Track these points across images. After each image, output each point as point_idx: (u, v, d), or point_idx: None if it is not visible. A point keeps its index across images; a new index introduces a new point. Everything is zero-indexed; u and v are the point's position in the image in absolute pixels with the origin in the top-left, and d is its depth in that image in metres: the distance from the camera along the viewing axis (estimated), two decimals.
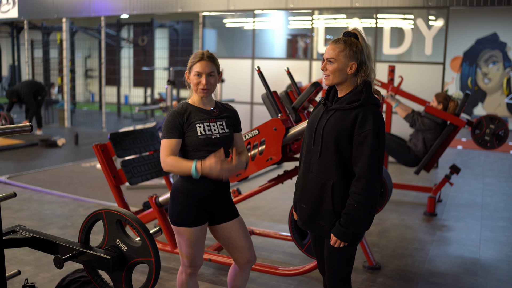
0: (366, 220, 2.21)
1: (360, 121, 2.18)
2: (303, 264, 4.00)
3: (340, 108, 2.26)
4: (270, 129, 3.34)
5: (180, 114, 2.56)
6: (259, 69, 3.46)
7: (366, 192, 2.16)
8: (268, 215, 5.34)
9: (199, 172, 2.43)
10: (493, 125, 5.30)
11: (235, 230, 2.70)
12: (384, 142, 2.23)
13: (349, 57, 2.22)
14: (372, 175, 2.16)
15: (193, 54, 2.60)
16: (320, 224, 2.33)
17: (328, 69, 2.28)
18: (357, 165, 2.19)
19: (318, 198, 2.30)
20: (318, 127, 2.32)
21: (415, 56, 8.93)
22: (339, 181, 2.24)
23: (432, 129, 5.48)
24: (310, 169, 2.34)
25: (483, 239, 4.77)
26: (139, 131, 4.19)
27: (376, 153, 2.16)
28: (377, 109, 2.24)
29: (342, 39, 2.27)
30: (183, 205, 2.58)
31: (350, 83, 2.29)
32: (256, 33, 9.72)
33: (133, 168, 3.96)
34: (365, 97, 2.22)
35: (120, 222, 2.26)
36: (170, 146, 2.52)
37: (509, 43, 13.58)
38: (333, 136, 2.23)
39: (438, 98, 5.56)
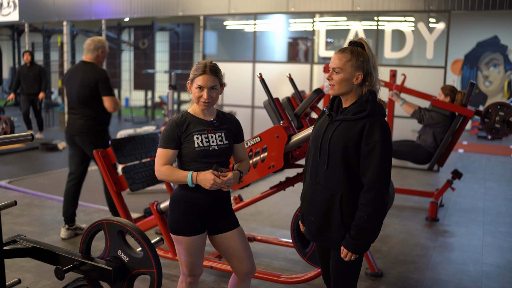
0: (377, 231, 2.20)
1: (367, 132, 2.16)
2: (305, 271, 3.98)
3: (346, 119, 2.24)
4: (272, 137, 3.32)
5: (179, 125, 2.55)
6: (261, 76, 3.45)
7: (375, 203, 2.15)
8: (269, 221, 5.32)
9: (194, 182, 2.46)
10: (502, 112, 5.22)
11: (234, 240, 2.68)
12: (392, 151, 2.22)
13: (356, 67, 2.21)
14: (381, 186, 2.15)
15: (196, 64, 2.58)
16: (329, 236, 2.32)
17: (334, 78, 2.26)
18: (365, 176, 2.18)
19: (327, 210, 2.29)
20: (324, 139, 2.30)
21: (416, 60, 8.91)
22: (347, 193, 2.23)
23: (441, 122, 5.41)
24: (317, 181, 2.32)
25: (485, 245, 4.74)
26: (140, 136, 4.17)
27: (384, 164, 2.15)
28: (383, 119, 2.23)
29: (348, 48, 2.26)
30: (181, 213, 2.57)
31: (355, 93, 2.27)
32: (257, 36, 9.71)
33: (134, 174, 3.95)
34: (371, 107, 2.20)
35: (122, 233, 2.24)
36: (166, 156, 2.53)
37: (510, 46, 13.56)
38: (340, 148, 2.21)
39: (445, 91, 5.49)
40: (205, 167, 2.55)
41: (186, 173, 2.49)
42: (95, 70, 4.53)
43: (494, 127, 5.27)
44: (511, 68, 13.63)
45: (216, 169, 2.54)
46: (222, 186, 2.49)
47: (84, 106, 4.55)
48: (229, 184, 2.52)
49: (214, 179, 2.44)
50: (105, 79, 4.53)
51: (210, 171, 2.46)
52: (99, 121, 4.62)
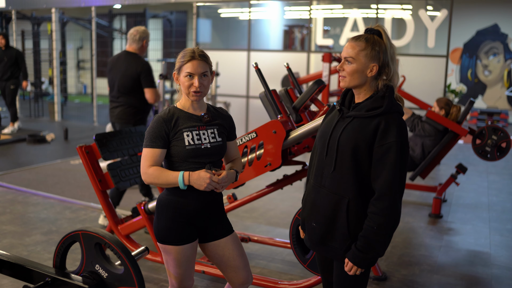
0: (386, 244, 1.94)
1: (382, 132, 1.91)
2: (303, 274, 3.73)
3: (359, 115, 1.98)
4: (269, 132, 3.05)
5: (166, 121, 2.27)
6: (256, 66, 3.17)
7: (387, 213, 1.90)
8: (265, 218, 5.06)
9: (186, 183, 2.19)
10: (496, 136, 5.02)
11: (228, 248, 2.43)
12: (408, 156, 1.95)
13: (370, 57, 1.96)
14: (394, 193, 1.89)
15: (182, 52, 2.31)
16: (332, 246, 2.06)
17: (345, 69, 2.00)
18: (377, 182, 1.92)
19: (331, 217, 2.03)
20: (333, 136, 2.03)
21: (417, 49, 8.64)
22: (355, 199, 1.97)
23: (432, 135, 5.23)
24: (322, 183, 2.06)
25: (493, 244, 4.51)
26: (127, 130, 3.90)
27: (399, 169, 1.89)
28: (401, 118, 1.97)
29: (363, 36, 2.00)
30: (169, 220, 2.31)
31: (369, 87, 2.01)
32: (251, 24, 9.40)
33: (120, 171, 3.68)
34: (388, 103, 1.94)
35: (100, 246, 1.97)
36: (153, 157, 2.25)
37: (510, 35, 13.29)
38: (350, 148, 1.96)
39: (440, 104, 5.31)
40: (196, 167, 2.28)
41: (177, 173, 2.22)
42: (138, 62, 4.60)
43: (484, 150, 5.07)
44: (511, 57, 13.38)
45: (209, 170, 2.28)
46: (217, 187, 2.22)
47: (125, 95, 4.64)
48: (224, 184, 2.26)
49: (210, 177, 2.18)
50: (148, 71, 4.64)
51: (204, 170, 2.20)
52: (138, 110, 4.69)
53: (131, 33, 4.64)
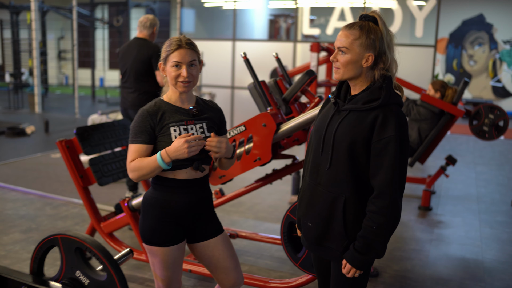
0: (386, 244, 1.82)
1: (379, 125, 1.78)
2: (293, 271, 3.63)
3: (355, 108, 1.85)
4: (259, 125, 2.92)
5: (152, 114, 2.13)
6: (245, 56, 3.03)
7: (387, 212, 1.77)
8: (252, 212, 4.94)
9: (167, 160, 2.03)
10: (492, 115, 4.95)
11: (218, 248, 2.30)
12: (408, 150, 1.82)
13: (365, 46, 1.81)
14: (394, 191, 1.77)
15: (167, 41, 2.16)
16: (329, 246, 1.94)
17: (339, 60, 1.86)
18: (376, 179, 1.80)
19: (327, 216, 1.90)
20: (328, 131, 1.90)
21: (404, 38, 8.54)
22: (352, 197, 1.85)
23: (428, 118, 5.11)
24: (318, 181, 1.93)
25: (483, 237, 4.45)
26: (109, 124, 3.73)
27: (399, 164, 1.77)
28: (400, 110, 1.83)
29: (357, 24, 1.84)
30: (155, 220, 2.17)
31: (365, 77, 1.87)
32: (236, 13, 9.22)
33: (102, 166, 3.52)
34: (386, 95, 1.81)
35: (81, 250, 1.83)
36: (138, 153, 2.11)
37: (495, 25, 13.30)
38: (346, 143, 1.83)
39: (435, 86, 5.18)
40: (184, 164, 2.14)
41: (154, 159, 2.06)
42: (149, 46, 4.64)
43: (482, 130, 4.99)
44: (496, 47, 13.39)
45: (197, 167, 2.15)
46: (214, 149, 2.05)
47: (138, 81, 4.65)
48: (219, 146, 2.08)
49: (186, 140, 1.99)
50: (158, 54, 4.57)
51: (177, 138, 2.03)
52: (152, 96, 4.60)
53: (141, 20, 4.72)
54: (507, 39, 13.45)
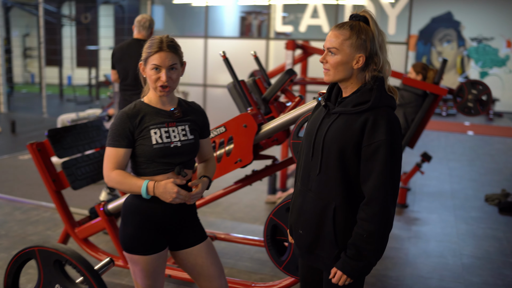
0: (379, 252, 1.75)
1: (370, 129, 1.71)
2: (273, 272, 3.58)
3: (345, 111, 1.78)
4: (239, 126, 2.85)
5: (131, 117, 2.04)
6: (224, 55, 2.96)
7: (378, 219, 1.70)
8: (228, 213, 4.87)
9: (150, 194, 1.99)
10: (475, 90, 4.96)
11: (202, 256, 2.23)
12: (401, 155, 1.76)
13: (356, 47, 1.74)
14: (385, 197, 1.70)
15: (149, 40, 2.08)
16: (320, 255, 1.87)
17: (328, 61, 1.79)
18: (367, 185, 1.72)
19: (318, 223, 1.84)
20: (318, 135, 1.83)
21: None
22: (343, 204, 1.78)
23: (412, 101, 5.05)
24: (309, 187, 1.86)
25: (460, 233, 4.49)
26: (82, 125, 3.60)
27: (390, 169, 1.70)
28: (391, 112, 1.76)
29: (348, 24, 1.78)
30: (136, 228, 2.09)
31: (356, 79, 1.80)
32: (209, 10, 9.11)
33: (76, 169, 3.39)
34: (376, 97, 1.74)
35: (60, 263, 1.73)
36: (116, 157, 2.02)
37: (463, 22, 13.52)
38: (336, 148, 1.76)
39: (416, 68, 5.13)
40: (165, 169, 2.06)
41: (141, 182, 1.99)
42: None
43: (467, 106, 5.00)
44: (463, 44, 13.62)
45: (179, 172, 2.06)
46: (187, 200, 2.01)
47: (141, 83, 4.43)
48: (196, 198, 2.06)
49: (178, 191, 1.96)
50: None
51: (171, 180, 1.98)
52: None
53: (139, 20, 4.51)
54: (474, 36, 13.69)
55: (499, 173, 6.82)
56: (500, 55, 13.63)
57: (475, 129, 10.54)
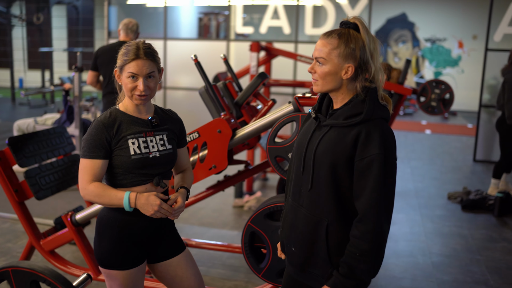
0: (372, 272, 1.68)
1: (362, 143, 1.64)
2: (247, 278, 3.54)
3: (336, 124, 1.70)
4: (213, 132, 2.78)
5: (107, 126, 1.94)
6: (196, 59, 2.88)
7: (371, 237, 1.62)
8: (196, 218, 4.78)
9: (132, 206, 1.90)
10: (438, 89, 5.06)
11: (181, 267, 2.15)
12: (395, 169, 1.69)
13: (344, 56, 1.67)
14: (379, 214, 1.62)
15: (124, 47, 1.98)
16: (313, 273, 1.80)
17: (316, 71, 1.72)
18: (359, 201, 1.65)
19: (310, 240, 1.76)
20: (309, 149, 1.76)
21: None
22: (336, 220, 1.71)
23: None
24: (300, 202, 1.79)
25: (427, 231, 4.56)
26: (44, 132, 3.45)
27: (384, 185, 1.62)
28: (385, 124, 1.69)
29: (336, 31, 1.70)
30: (113, 242, 1.99)
31: (347, 90, 1.72)
32: (162, 11, 8.97)
33: (40, 179, 3.24)
34: (369, 109, 1.66)
35: (37, 283, 1.62)
36: (93, 170, 1.92)
37: (417, 23, 13.85)
38: (327, 162, 1.69)
39: None
40: (143, 180, 1.98)
41: (122, 194, 1.90)
42: None
43: (430, 105, 5.10)
44: (418, 45, 13.95)
45: (158, 183, 1.99)
46: (168, 214, 1.93)
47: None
48: (179, 212, 1.99)
49: (160, 204, 1.88)
50: None
51: (154, 193, 1.90)
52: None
53: (127, 23, 4.60)
54: (428, 37, 14.05)
55: (458, 171, 6.99)
56: (452, 56, 14.04)
57: (432, 127, 10.80)
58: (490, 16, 7.32)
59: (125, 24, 4.62)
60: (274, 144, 2.61)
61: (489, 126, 7.42)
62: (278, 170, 2.63)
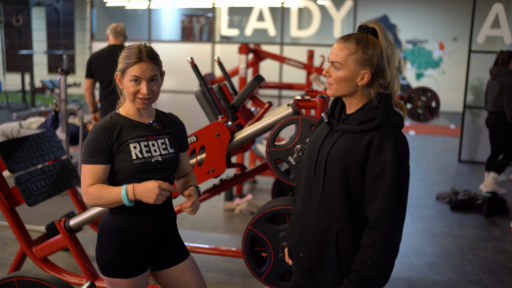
0: (383, 280, 1.65)
1: (375, 149, 1.62)
2: (244, 282, 3.51)
3: (349, 129, 1.68)
4: (212, 135, 2.75)
5: (109, 131, 1.90)
6: (192, 61, 2.85)
7: (382, 246, 1.60)
8: (188, 222, 4.74)
9: (131, 198, 1.84)
10: (425, 97, 5.13)
11: (185, 274, 2.12)
12: (408, 176, 1.66)
13: (361, 63, 1.64)
14: (391, 222, 1.60)
15: (125, 50, 1.94)
16: (321, 279, 1.77)
17: (331, 75, 1.69)
18: (371, 208, 1.63)
19: (320, 247, 1.73)
20: (320, 154, 1.73)
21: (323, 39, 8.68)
22: (346, 227, 1.69)
23: None
24: (310, 208, 1.76)
25: (418, 232, 4.58)
26: (34, 136, 3.38)
27: (396, 192, 1.60)
28: (398, 131, 1.67)
29: (354, 36, 1.66)
30: (116, 250, 1.95)
31: (361, 95, 1.70)
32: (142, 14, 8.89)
33: (31, 184, 3.17)
34: (383, 115, 1.64)
35: None
36: (94, 175, 1.88)
37: (399, 25, 13.98)
38: (339, 168, 1.66)
39: None
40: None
41: (119, 188, 1.86)
42: None
43: (417, 113, 5.16)
44: (400, 47, 14.07)
45: None
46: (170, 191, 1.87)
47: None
48: (196, 206, 1.99)
49: (160, 186, 1.82)
50: None
51: (152, 180, 1.85)
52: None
53: (114, 27, 4.75)
54: (409, 38, 14.19)
55: (445, 171, 7.06)
56: (434, 57, 14.20)
57: (416, 128, 10.89)
58: (473, 18, 7.41)
59: (113, 28, 4.76)
60: (273, 147, 2.60)
61: (473, 127, 7.51)
62: (278, 173, 2.61)
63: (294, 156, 2.52)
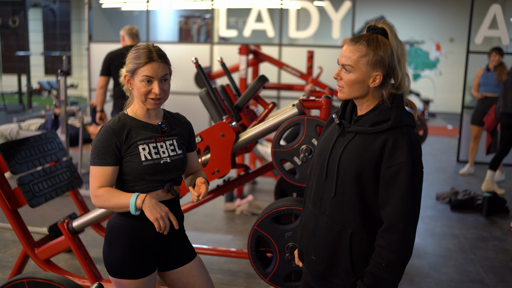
0: (398, 280, 1.65)
1: (390, 150, 1.60)
2: (247, 283, 3.50)
3: (362, 131, 1.66)
4: (217, 136, 2.75)
5: (117, 132, 1.89)
6: (197, 62, 2.84)
7: (397, 248, 1.59)
8: (189, 223, 4.72)
9: (138, 206, 1.84)
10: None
11: (193, 275, 2.11)
12: (422, 177, 1.64)
13: (373, 64, 1.62)
14: (405, 224, 1.59)
15: (134, 50, 1.92)
16: (334, 282, 1.76)
17: (343, 78, 1.67)
18: (385, 210, 1.62)
19: (332, 249, 1.72)
20: (332, 156, 1.71)
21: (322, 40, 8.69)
22: (360, 230, 1.67)
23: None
24: (322, 210, 1.74)
25: (420, 232, 4.59)
26: (36, 137, 3.37)
27: (411, 194, 1.59)
28: (412, 132, 1.65)
29: (364, 37, 1.64)
30: (124, 251, 1.94)
31: (373, 96, 1.68)
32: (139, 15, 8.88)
33: (33, 185, 3.16)
34: (397, 116, 1.62)
35: None
36: (103, 176, 1.88)
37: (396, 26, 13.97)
38: (352, 170, 1.65)
39: None
40: (154, 186, 1.94)
41: (129, 196, 1.85)
42: None
43: None
44: None
45: (169, 190, 1.95)
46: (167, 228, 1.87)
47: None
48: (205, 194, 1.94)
49: (168, 212, 1.85)
50: None
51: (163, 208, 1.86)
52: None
53: (129, 28, 4.95)
54: (406, 39, 14.23)
55: (444, 172, 7.07)
56: (430, 58, 14.24)
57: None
58: (471, 19, 7.44)
59: (129, 29, 4.96)
60: (279, 147, 2.59)
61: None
62: (283, 173, 2.61)
63: (301, 157, 2.52)
